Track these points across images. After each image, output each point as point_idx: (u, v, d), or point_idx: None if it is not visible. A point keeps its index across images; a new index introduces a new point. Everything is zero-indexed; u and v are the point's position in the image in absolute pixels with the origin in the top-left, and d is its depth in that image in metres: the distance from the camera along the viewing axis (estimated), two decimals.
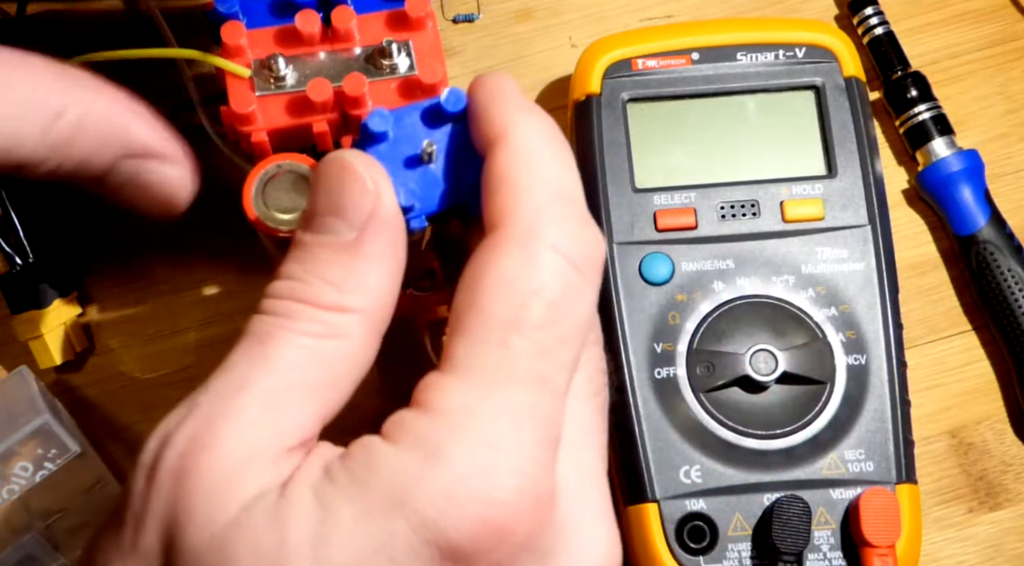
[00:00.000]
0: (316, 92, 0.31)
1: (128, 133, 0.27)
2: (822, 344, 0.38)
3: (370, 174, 0.25)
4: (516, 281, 0.23)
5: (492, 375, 0.23)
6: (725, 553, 0.37)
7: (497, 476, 0.22)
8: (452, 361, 0.23)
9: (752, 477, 0.37)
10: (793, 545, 0.35)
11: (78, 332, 0.42)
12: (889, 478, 0.37)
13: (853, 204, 0.40)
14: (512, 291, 0.23)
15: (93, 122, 0.27)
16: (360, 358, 0.25)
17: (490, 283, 0.23)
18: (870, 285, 0.39)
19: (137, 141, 0.28)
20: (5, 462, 0.38)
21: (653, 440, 0.37)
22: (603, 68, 0.41)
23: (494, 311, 0.23)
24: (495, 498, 0.22)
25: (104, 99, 0.27)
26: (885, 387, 0.38)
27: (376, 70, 0.32)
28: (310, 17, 0.32)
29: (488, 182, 0.25)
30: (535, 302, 0.23)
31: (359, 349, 0.25)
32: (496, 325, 0.23)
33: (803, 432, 0.38)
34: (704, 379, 0.38)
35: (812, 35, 0.41)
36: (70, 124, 0.26)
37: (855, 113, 0.41)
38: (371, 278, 0.24)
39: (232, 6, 0.32)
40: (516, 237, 0.24)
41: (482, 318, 0.23)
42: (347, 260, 0.24)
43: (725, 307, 0.38)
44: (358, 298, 0.24)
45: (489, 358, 0.23)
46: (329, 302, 0.24)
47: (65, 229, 0.43)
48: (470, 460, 0.22)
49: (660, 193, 0.40)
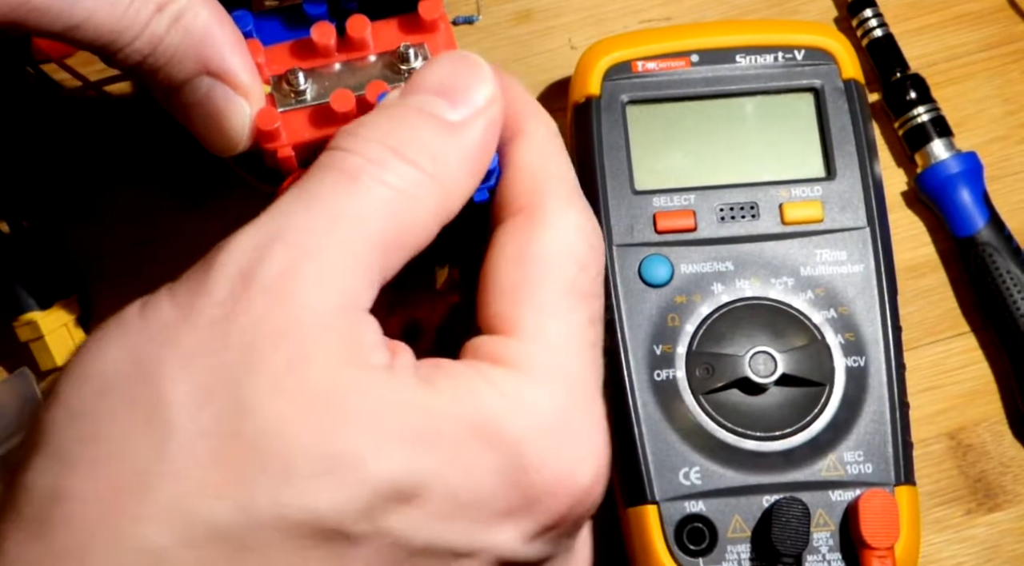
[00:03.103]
0: (340, 103, 0.31)
1: (219, 49, 0.28)
2: (821, 346, 0.38)
3: (493, 72, 0.26)
4: (563, 255, 0.26)
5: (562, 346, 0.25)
6: (724, 555, 0.37)
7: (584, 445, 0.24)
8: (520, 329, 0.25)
9: (751, 479, 0.37)
10: (792, 547, 0.35)
11: (79, 334, 0.42)
12: (888, 480, 0.37)
13: (852, 206, 0.40)
14: (566, 264, 0.25)
15: (190, 24, 0.27)
16: (423, 234, 0.25)
17: (544, 258, 0.25)
18: (869, 287, 0.39)
19: (224, 61, 0.28)
20: (6, 464, 0.38)
21: (653, 442, 0.37)
22: (602, 70, 0.41)
23: (552, 282, 0.25)
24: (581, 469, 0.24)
25: (207, 10, 0.27)
26: (884, 389, 0.38)
27: (395, 76, 0.32)
28: (325, 29, 0.32)
29: (512, 170, 0.27)
30: (582, 273, 0.26)
31: (427, 222, 0.25)
32: (558, 294, 0.25)
33: (802, 434, 0.38)
34: (703, 381, 0.38)
35: (811, 37, 0.41)
36: (170, 17, 0.27)
37: (854, 115, 0.41)
38: (459, 165, 0.25)
39: (247, 24, 0.32)
40: (556, 215, 0.26)
41: (543, 288, 0.25)
42: (445, 135, 0.25)
43: (724, 309, 0.39)
44: (444, 170, 0.25)
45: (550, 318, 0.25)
46: (419, 160, 0.24)
47: (66, 230, 0.43)
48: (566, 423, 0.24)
49: (659, 195, 0.40)
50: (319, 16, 0.33)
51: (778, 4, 0.46)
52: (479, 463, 0.23)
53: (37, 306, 0.41)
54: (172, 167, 0.44)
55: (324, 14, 0.33)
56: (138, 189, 0.44)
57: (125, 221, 0.44)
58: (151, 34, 0.27)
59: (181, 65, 0.27)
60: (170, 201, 0.44)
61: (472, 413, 0.23)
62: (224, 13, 0.28)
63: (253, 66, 0.29)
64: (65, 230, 0.43)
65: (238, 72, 0.28)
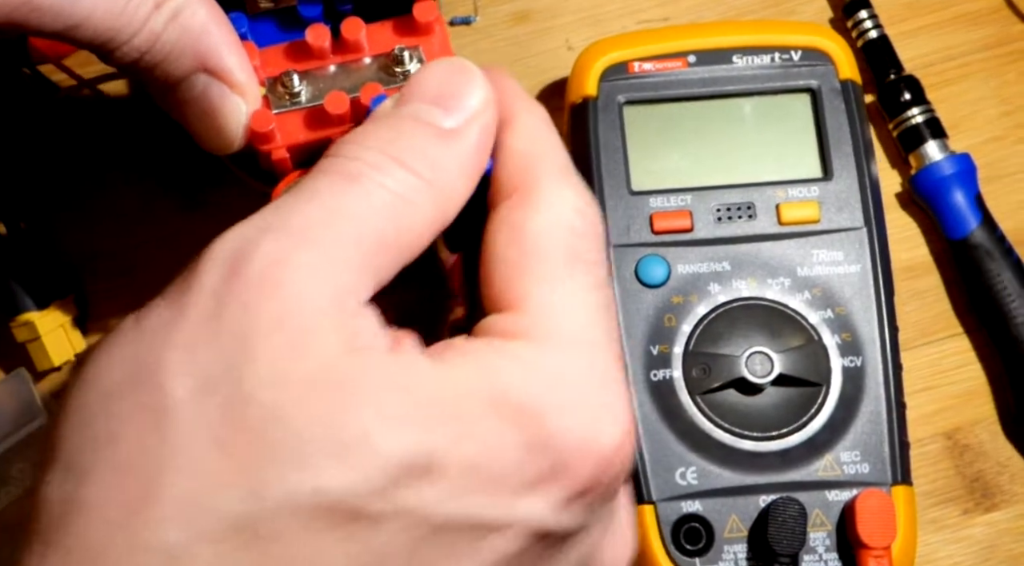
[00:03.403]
0: (334, 105, 0.31)
1: (216, 47, 0.28)
2: (818, 346, 0.38)
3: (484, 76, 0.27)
4: (560, 227, 0.26)
5: (575, 307, 0.25)
6: (721, 554, 0.37)
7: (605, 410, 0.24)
8: (526, 302, 0.25)
9: (748, 479, 0.37)
10: (789, 547, 0.36)
11: (76, 335, 0.42)
12: (885, 480, 0.37)
13: (849, 207, 0.40)
14: (563, 235, 0.25)
15: (188, 22, 0.27)
16: (420, 238, 0.25)
17: (541, 231, 0.25)
18: (866, 287, 0.39)
19: (222, 59, 0.28)
20: (4, 463, 0.38)
21: (649, 442, 0.37)
22: (599, 71, 0.41)
23: (552, 253, 0.25)
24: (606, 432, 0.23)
25: (205, 8, 0.27)
26: (881, 389, 0.38)
27: (389, 78, 0.32)
28: (320, 31, 0.32)
29: (504, 156, 0.27)
30: (580, 240, 0.26)
31: (424, 227, 0.25)
32: (558, 263, 0.25)
33: (799, 434, 0.38)
34: (700, 381, 0.38)
35: (808, 38, 0.41)
36: (167, 14, 0.27)
37: (851, 116, 0.41)
38: (456, 172, 0.26)
39: (242, 26, 0.32)
40: (549, 191, 0.26)
41: (544, 260, 0.25)
42: (442, 143, 0.25)
43: (721, 309, 0.39)
44: (442, 177, 0.25)
45: (566, 293, 0.25)
46: (417, 167, 0.25)
47: (60, 231, 0.43)
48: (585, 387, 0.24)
49: (656, 196, 0.40)
50: (314, 18, 0.33)
51: (775, 5, 0.46)
52: (498, 434, 0.22)
53: (34, 306, 0.41)
54: (169, 167, 0.44)
55: (319, 16, 0.33)
56: (134, 189, 0.44)
57: (121, 221, 0.44)
58: (149, 31, 0.27)
59: (178, 62, 0.28)
60: (167, 201, 0.44)
61: (487, 385, 0.23)
62: (221, 12, 0.28)
63: (249, 65, 0.29)
64: (59, 230, 0.43)
65: (234, 70, 0.28)
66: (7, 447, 0.38)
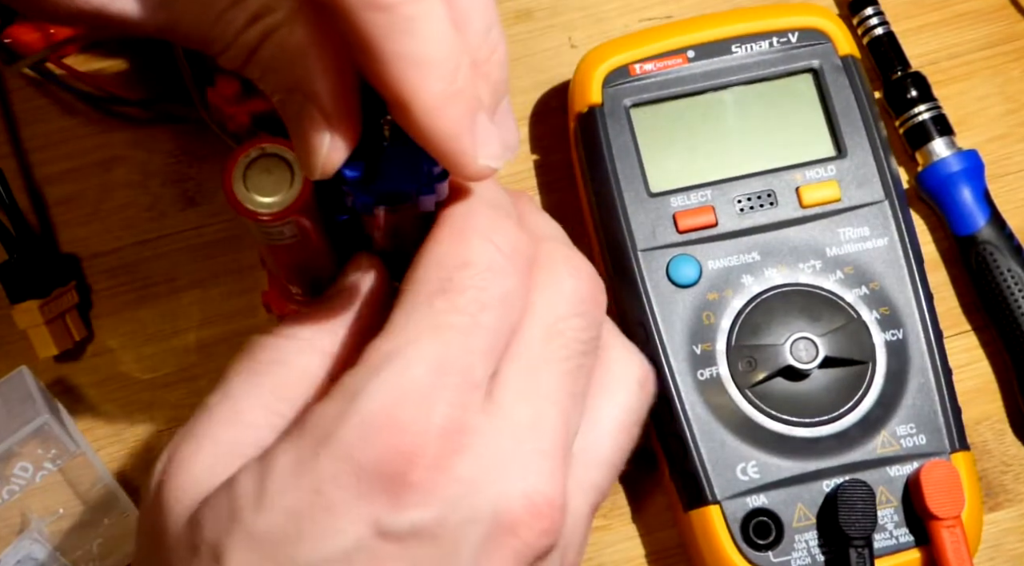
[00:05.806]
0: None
1: (310, 71, 0.26)
2: (858, 324, 0.38)
3: None
4: (445, 258, 0.26)
5: (413, 328, 0.25)
6: (793, 545, 0.36)
7: (406, 407, 0.24)
8: (384, 327, 0.25)
9: (809, 466, 0.37)
10: (862, 529, 0.35)
11: (77, 321, 0.42)
12: (943, 448, 0.37)
13: (868, 181, 0.40)
14: (441, 266, 0.26)
15: (284, 40, 0.25)
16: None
17: (425, 262, 0.26)
18: (896, 259, 0.39)
19: (313, 85, 0.26)
20: (5, 462, 0.38)
21: (706, 442, 0.37)
22: (601, 77, 0.41)
23: (425, 283, 0.25)
24: (404, 425, 0.24)
25: (305, 29, 0.25)
26: (926, 359, 0.38)
27: None
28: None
29: None
30: (460, 275, 0.26)
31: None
32: (424, 292, 0.25)
33: (852, 414, 0.38)
34: (747, 374, 0.38)
35: (803, 19, 0.41)
36: (262, 30, 0.25)
37: (855, 90, 0.41)
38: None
39: None
40: (450, 226, 0.26)
41: (415, 289, 0.26)
42: None
43: (757, 300, 0.38)
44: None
45: (411, 317, 0.25)
46: None
47: (62, 231, 0.43)
48: (383, 394, 0.24)
49: (676, 195, 0.39)
50: None
51: None
52: None
53: (35, 294, 0.41)
54: (172, 165, 0.44)
55: None
56: (135, 189, 0.44)
57: (122, 220, 0.43)
58: (243, 44, 0.26)
59: (275, 80, 0.26)
60: (170, 199, 0.44)
61: None
62: (326, 35, 0.26)
63: (351, 98, 0.27)
64: (59, 230, 0.43)
65: (325, 99, 0.27)
66: (9, 445, 0.38)
